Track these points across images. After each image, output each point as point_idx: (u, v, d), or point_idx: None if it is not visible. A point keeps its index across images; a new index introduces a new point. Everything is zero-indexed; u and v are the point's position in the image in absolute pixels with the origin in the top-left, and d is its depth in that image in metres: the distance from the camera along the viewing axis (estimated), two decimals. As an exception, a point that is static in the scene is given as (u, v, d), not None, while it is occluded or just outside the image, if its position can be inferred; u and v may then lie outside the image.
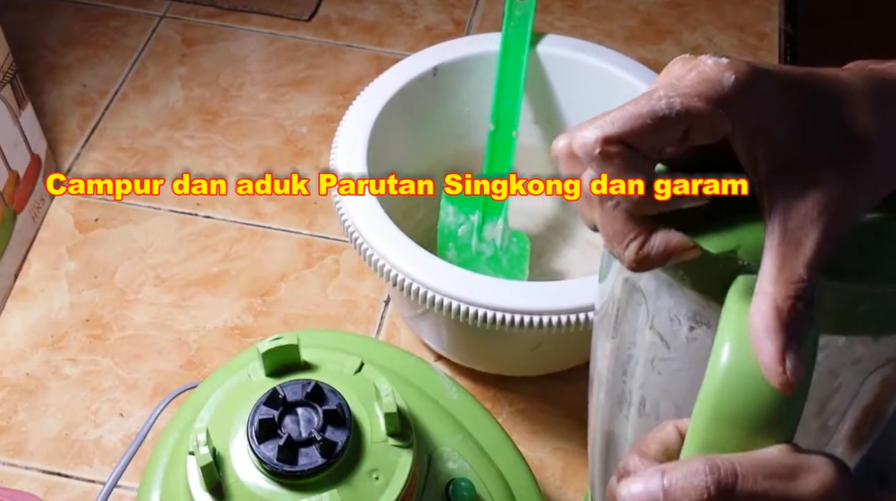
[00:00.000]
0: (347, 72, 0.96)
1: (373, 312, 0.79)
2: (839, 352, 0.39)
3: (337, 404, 0.47)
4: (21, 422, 0.72)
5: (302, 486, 0.46)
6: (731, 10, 1.04)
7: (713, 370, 0.34)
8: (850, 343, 0.39)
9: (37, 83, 0.94)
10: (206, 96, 0.94)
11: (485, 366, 0.75)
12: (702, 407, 0.35)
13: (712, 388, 0.34)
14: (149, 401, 0.73)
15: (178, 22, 1.01)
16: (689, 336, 0.40)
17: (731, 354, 0.34)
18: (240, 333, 0.77)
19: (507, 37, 0.75)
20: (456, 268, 0.63)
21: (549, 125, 0.80)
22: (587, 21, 1.03)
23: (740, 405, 0.34)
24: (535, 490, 0.57)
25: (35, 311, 0.78)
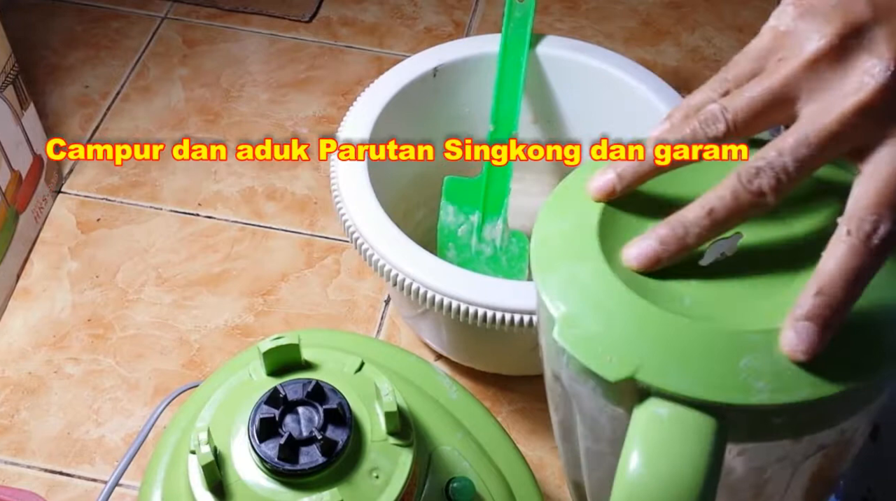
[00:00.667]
0: (348, 73, 0.97)
1: (373, 312, 0.79)
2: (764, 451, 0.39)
3: (337, 403, 0.47)
4: (23, 421, 0.72)
5: (302, 485, 0.46)
6: (729, 11, 1.04)
7: (621, 476, 0.35)
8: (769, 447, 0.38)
9: (39, 84, 0.94)
10: (208, 97, 0.94)
11: (485, 366, 0.75)
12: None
13: (621, 493, 0.35)
14: (150, 400, 0.73)
15: (180, 23, 1.01)
16: (611, 436, 0.40)
17: (638, 464, 0.35)
18: (241, 333, 0.78)
19: (507, 38, 0.75)
20: (456, 268, 0.63)
21: (549, 125, 0.80)
22: (586, 22, 1.03)
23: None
24: (535, 489, 0.57)
25: (37, 311, 0.78)
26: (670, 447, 0.35)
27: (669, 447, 0.35)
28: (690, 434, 0.35)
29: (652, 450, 0.35)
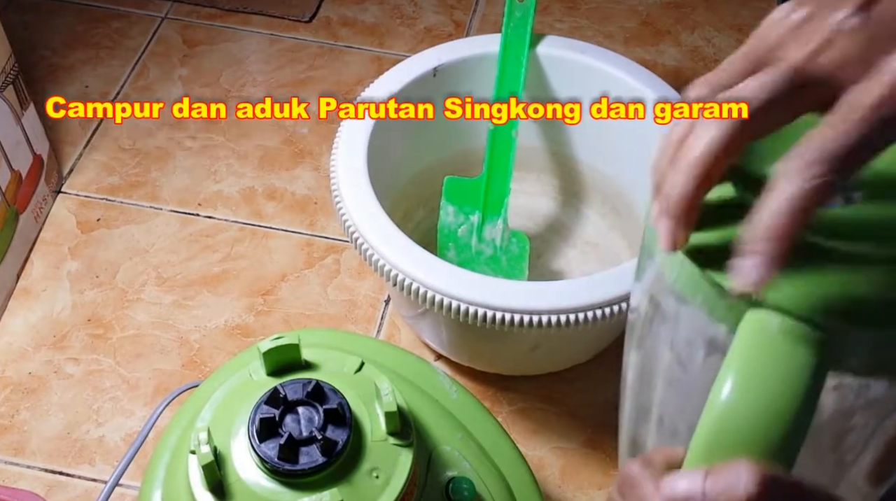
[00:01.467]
0: (348, 72, 0.97)
1: (373, 312, 0.79)
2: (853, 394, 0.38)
3: (337, 403, 0.47)
4: (23, 421, 0.72)
5: (302, 485, 0.46)
6: (729, 11, 1.04)
7: (713, 401, 0.34)
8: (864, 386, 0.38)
9: (39, 84, 0.94)
10: (208, 97, 0.94)
11: (484, 366, 0.75)
12: (700, 435, 0.35)
13: (711, 419, 0.34)
14: (150, 400, 0.73)
15: (180, 23, 1.01)
16: (704, 361, 0.40)
17: (733, 388, 0.34)
18: (241, 333, 0.78)
19: (507, 38, 0.75)
20: (456, 268, 0.63)
21: (549, 126, 0.80)
22: (586, 22, 1.03)
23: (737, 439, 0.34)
24: (535, 489, 0.57)
25: (37, 311, 0.79)
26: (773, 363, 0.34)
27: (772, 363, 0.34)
28: (798, 349, 0.34)
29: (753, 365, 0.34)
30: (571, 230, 0.83)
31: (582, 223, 0.83)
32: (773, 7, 0.39)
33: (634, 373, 0.47)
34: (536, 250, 0.80)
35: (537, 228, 0.83)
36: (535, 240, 0.80)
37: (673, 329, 0.41)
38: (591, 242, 0.82)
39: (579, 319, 0.61)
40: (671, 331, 0.41)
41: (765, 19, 0.37)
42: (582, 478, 0.71)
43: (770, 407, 0.34)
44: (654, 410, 0.45)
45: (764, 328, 0.35)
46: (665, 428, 0.45)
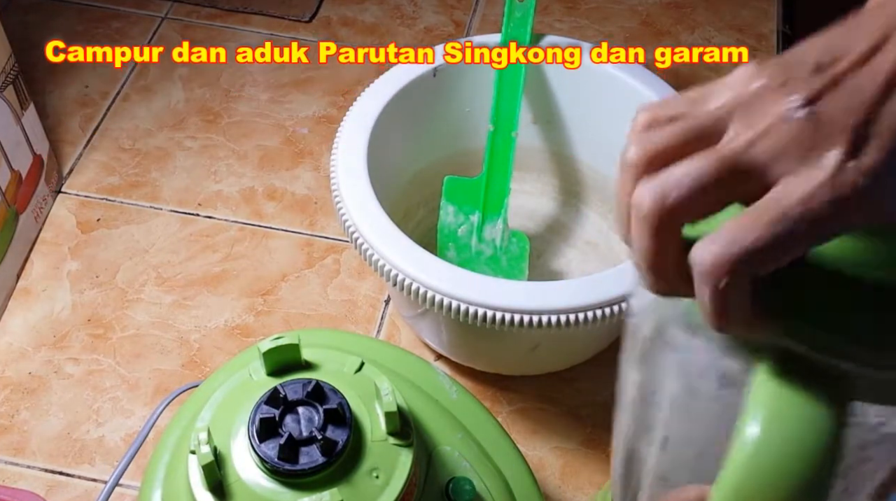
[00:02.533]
0: (348, 73, 0.97)
1: (373, 312, 0.79)
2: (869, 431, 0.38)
3: (337, 403, 0.47)
4: (23, 421, 0.72)
5: (302, 485, 0.46)
6: (729, 11, 1.04)
7: (739, 448, 0.34)
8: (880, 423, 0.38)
9: (39, 84, 0.94)
10: (208, 97, 0.94)
11: (484, 366, 0.75)
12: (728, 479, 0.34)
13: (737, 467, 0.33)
14: (150, 400, 0.73)
15: (180, 23, 1.01)
16: (716, 393, 0.39)
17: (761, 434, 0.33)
18: (241, 333, 0.78)
19: (507, 38, 0.75)
20: (456, 268, 0.63)
21: (549, 126, 0.80)
22: (586, 22, 1.03)
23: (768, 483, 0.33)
24: (535, 489, 0.57)
25: (37, 311, 0.79)
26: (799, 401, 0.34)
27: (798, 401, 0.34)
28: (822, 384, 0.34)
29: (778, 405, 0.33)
30: (571, 230, 0.83)
31: (582, 223, 0.83)
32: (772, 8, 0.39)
33: (636, 392, 0.46)
34: (536, 250, 0.80)
35: (537, 228, 0.83)
36: (535, 240, 0.80)
37: (682, 359, 0.40)
38: (591, 242, 0.82)
39: (579, 319, 0.61)
40: (680, 362, 0.40)
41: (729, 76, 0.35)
42: (582, 478, 0.71)
43: (800, 447, 0.33)
44: (659, 430, 0.45)
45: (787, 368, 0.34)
46: (670, 449, 0.45)
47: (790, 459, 0.33)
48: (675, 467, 0.45)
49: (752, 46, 1.00)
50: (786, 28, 1.01)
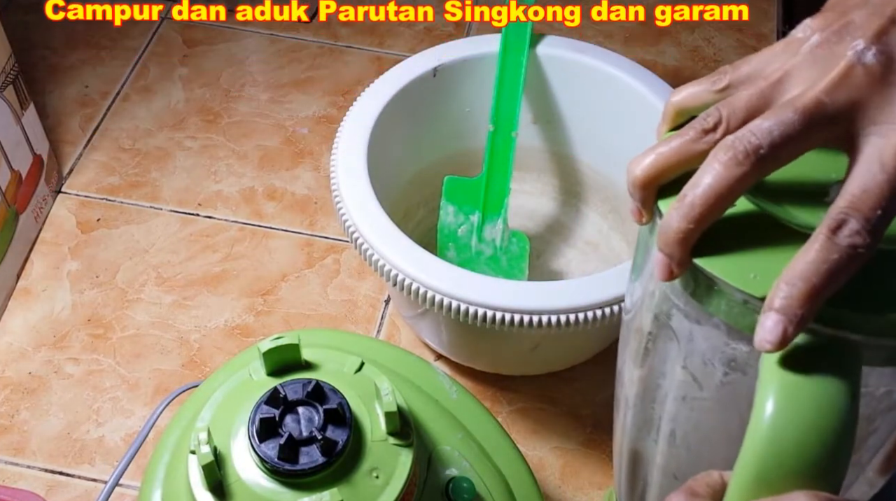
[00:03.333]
0: (348, 72, 0.97)
1: (373, 312, 0.79)
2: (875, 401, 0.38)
3: (337, 403, 0.47)
4: (23, 421, 0.72)
5: (302, 485, 0.46)
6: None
7: (756, 427, 0.34)
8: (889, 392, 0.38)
9: (39, 84, 0.94)
10: (208, 97, 0.94)
11: (485, 366, 0.75)
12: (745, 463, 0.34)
13: (756, 446, 0.34)
14: (150, 400, 0.73)
15: (180, 23, 1.01)
16: (723, 379, 0.39)
17: (776, 410, 0.33)
18: (241, 333, 0.78)
19: (507, 38, 0.75)
20: (456, 268, 0.63)
21: (549, 126, 0.80)
22: (586, 22, 1.03)
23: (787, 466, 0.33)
24: (535, 489, 0.57)
25: (37, 311, 0.79)
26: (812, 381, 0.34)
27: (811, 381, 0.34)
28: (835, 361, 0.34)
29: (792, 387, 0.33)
30: (571, 230, 0.83)
31: (582, 223, 0.83)
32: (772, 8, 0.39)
33: (636, 390, 0.46)
34: (536, 250, 0.80)
35: (537, 228, 0.83)
36: (535, 240, 0.80)
37: (685, 348, 0.40)
38: (591, 242, 0.82)
39: (579, 319, 0.61)
40: (683, 351, 0.40)
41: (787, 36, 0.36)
42: (582, 478, 0.71)
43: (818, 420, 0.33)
44: (665, 424, 0.45)
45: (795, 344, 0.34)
46: (678, 443, 0.45)
47: (809, 432, 0.33)
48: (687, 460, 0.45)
49: (752, 46, 1.00)
50: (786, 28, 1.01)
